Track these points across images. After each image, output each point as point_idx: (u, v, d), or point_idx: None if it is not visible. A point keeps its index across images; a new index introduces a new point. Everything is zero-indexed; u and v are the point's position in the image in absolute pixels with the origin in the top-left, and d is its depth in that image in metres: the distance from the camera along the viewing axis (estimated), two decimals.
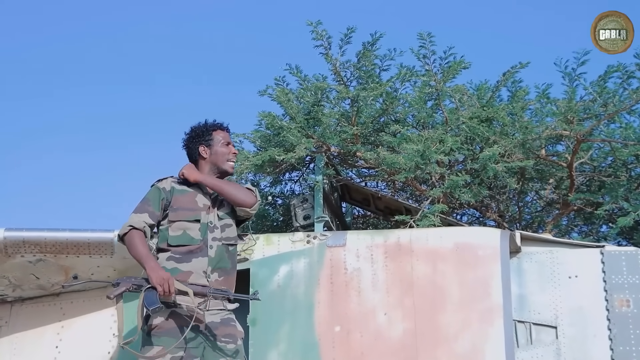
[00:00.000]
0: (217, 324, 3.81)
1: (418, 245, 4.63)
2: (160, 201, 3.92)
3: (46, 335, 4.97)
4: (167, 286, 3.62)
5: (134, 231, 3.79)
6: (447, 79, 5.57)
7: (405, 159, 5.10)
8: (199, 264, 3.82)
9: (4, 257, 4.59)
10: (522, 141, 5.45)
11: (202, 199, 3.98)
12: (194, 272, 3.80)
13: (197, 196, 3.97)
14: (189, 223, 3.88)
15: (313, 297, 4.62)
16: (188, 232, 3.86)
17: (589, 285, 4.54)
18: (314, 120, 5.56)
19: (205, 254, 3.84)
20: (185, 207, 3.92)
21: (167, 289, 3.62)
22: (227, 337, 3.81)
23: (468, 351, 4.34)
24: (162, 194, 3.94)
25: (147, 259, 3.71)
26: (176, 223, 3.88)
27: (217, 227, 3.93)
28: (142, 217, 3.85)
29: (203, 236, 3.87)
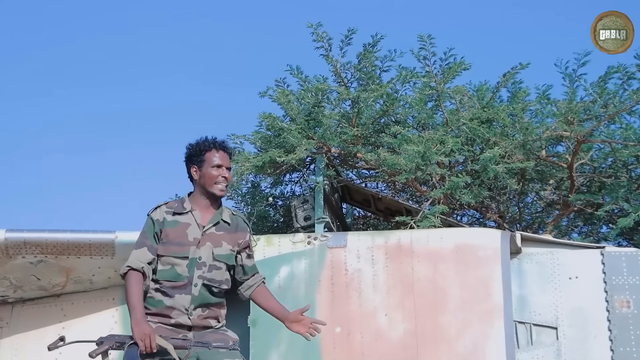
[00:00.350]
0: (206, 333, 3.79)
1: (419, 246, 4.64)
2: (155, 234, 3.81)
3: (47, 336, 4.95)
4: (149, 342, 3.50)
5: (131, 272, 3.69)
6: (447, 80, 5.57)
7: (406, 160, 5.11)
8: (182, 301, 3.73)
9: (5, 258, 4.61)
10: (523, 142, 5.45)
11: (193, 231, 3.83)
12: (176, 308, 3.72)
13: (188, 228, 3.83)
14: (177, 259, 3.77)
15: (314, 298, 4.63)
16: (175, 267, 3.75)
17: (590, 286, 4.55)
18: (315, 121, 5.57)
19: (189, 291, 3.74)
20: (174, 242, 3.79)
21: (148, 345, 3.50)
22: (219, 342, 3.75)
23: (469, 352, 4.35)
24: (155, 227, 3.82)
25: (133, 310, 3.61)
26: (165, 258, 3.77)
27: (205, 265, 3.80)
28: (141, 253, 3.76)
29: (190, 273, 3.76)
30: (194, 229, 3.82)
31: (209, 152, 3.89)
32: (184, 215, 3.84)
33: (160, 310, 3.72)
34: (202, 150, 3.90)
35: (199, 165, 3.88)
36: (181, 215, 3.84)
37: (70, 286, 4.94)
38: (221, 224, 3.89)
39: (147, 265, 3.73)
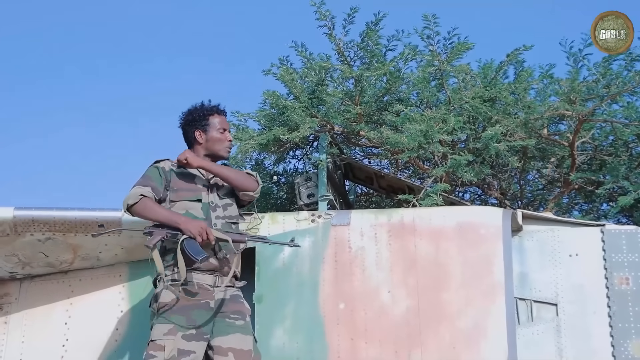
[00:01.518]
0: (227, 301, 3.90)
1: (421, 224, 4.69)
2: (162, 179, 3.97)
3: (55, 312, 5.06)
4: (206, 234, 3.72)
5: (146, 198, 3.84)
6: (451, 60, 5.60)
7: (409, 138, 5.15)
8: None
9: (14, 236, 4.68)
10: (525, 121, 5.49)
11: (200, 180, 4.06)
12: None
13: (195, 178, 4.05)
14: (191, 203, 3.95)
15: (318, 275, 4.69)
16: (191, 211, 3.92)
17: (590, 263, 4.59)
18: (318, 99, 5.60)
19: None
20: (185, 188, 3.99)
21: (205, 236, 3.72)
22: (236, 314, 3.89)
23: (470, 328, 4.41)
24: (161, 172, 3.99)
25: (175, 216, 3.80)
26: (178, 203, 3.94)
27: (219, 207, 4.02)
28: (145, 189, 3.89)
29: (206, 215, 3.94)
30: (200, 179, 4.06)
31: (212, 117, 4.15)
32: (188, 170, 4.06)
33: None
34: (205, 115, 4.15)
35: (203, 129, 4.12)
36: (186, 170, 4.05)
37: (77, 263, 5.01)
38: None
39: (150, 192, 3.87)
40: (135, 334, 4.83)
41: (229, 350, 3.78)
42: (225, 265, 3.94)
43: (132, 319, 4.91)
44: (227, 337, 3.80)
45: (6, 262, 4.91)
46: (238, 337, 3.82)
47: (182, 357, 3.69)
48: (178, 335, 3.71)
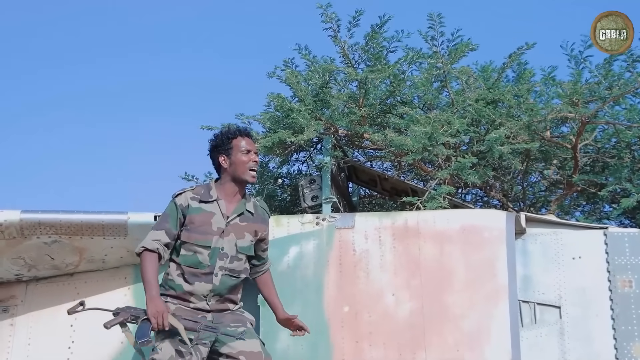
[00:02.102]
0: (225, 314, 3.94)
1: (425, 227, 4.71)
2: (177, 219, 3.92)
3: (61, 314, 5.05)
4: (161, 320, 3.66)
5: (146, 252, 3.83)
6: (454, 61, 5.62)
7: (413, 141, 5.17)
8: (202, 288, 3.88)
9: (20, 239, 4.70)
10: (528, 123, 5.51)
11: (218, 220, 3.94)
12: (195, 294, 3.88)
13: (213, 217, 3.94)
14: (200, 247, 3.89)
15: (322, 278, 4.72)
16: (197, 255, 3.89)
17: (593, 266, 4.63)
18: (322, 102, 5.62)
19: (210, 280, 3.89)
20: (198, 230, 3.91)
21: (161, 322, 3.66)
22: (236, 322, 3.92)
23: (474, 331, 4.44)
24: (178, 212, 3.93)
25: (148, 287, 3.76)
26: (187, 244, 3.91)
27: (227, 256, 3.93)
28: (158, 234, 3.87)
29: (211, 262, 3.89)
30: (219, 218, 3.93)
31: (235, 140, 4.02)
32: (209, 204, 3.96)
33: (180, 294, 3.88)
34: (228, 139, 4.02)
35: (227, 154, 4.00)
36: (207, 204, 3.95)
37: (83, 265, 5.04)
38: (245, 214, 4.02)
39: (162, 247, 3.85)
40: None
41: (240, 354, 3.81)
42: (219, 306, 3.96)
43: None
44: (235, 342, 3.81)
45: (12, 265, 4.94)
46: (245, 342, 3.83)
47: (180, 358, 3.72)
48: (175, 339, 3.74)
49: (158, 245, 3.85)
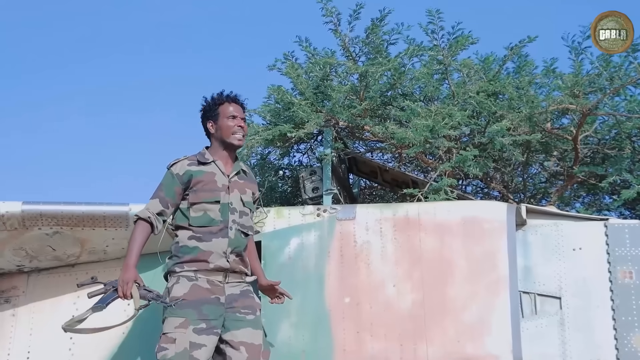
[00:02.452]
0: (237, 296, 3.93)
1: (426, 218, 4.72)
2: (174, 187, 3.96)
3: (63, 304, 5.09)
4: (126, 289, 3.74)
5: (139, 222, 3.90)
6: (454, 54, 5.63)
7: (415, 133, 5.17)
8: (219, 245, 3.90)
9: (22, 230, 4.69)
10: (529, 115, 5.51)
11: (220, 178, 4.01)
12: (214, 252, 3.90)
13: (215, 176, 4.00)
14: (209, 204, 3.93)
15: (323, 269, 4.73)
16: (209, 213, 3.92)
17: (593, 257, 4.63)
18: (323, 94, 5.63)
19: (226, 234, 3.92)
20: (204, 189, 3.95)
21: (124, 291, 3.75)
22: (247, 309, 3.92)
23: (475, 322, 4.45)
24: (175, 180, 3.97)
25: (128, 255, 3.84)
26: (197, 205, 3.93)
27: (236, 211, 3.99)
28: (152, 203, 3.94)
29: (224, 217, 3.93)
30: (220, 177, 4.01)
31: (222, 106, 4.08)
32: (207, 165, 4.02)
33: (197, 256, 3.88)
34: (215, 104, 4.09)
35: (214, 119, 4.07)
36: (205, 165, 4.02)
37: (84, 256, 5.05)
38: (241, 173, 4.12)
39: (154, 216, 3.91)
40: (142, 326, 4.87)
41: (240, 345, 3.82)
42: (237, 266, 3.97)
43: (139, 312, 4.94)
44: (239, 331, 3.84)
45: (14, 256, 4.94)
46: (249, 332, 3.85)
47: (193, 350, 3.73)
48: (189, 328, 3.74)
49: (150, 214, 3.90)
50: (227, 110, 4.06)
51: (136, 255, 3.84)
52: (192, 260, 3.89)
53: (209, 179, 3.98)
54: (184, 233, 3.95)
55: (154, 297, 3.77)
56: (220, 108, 4.07)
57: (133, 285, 3.75)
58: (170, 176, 4.00)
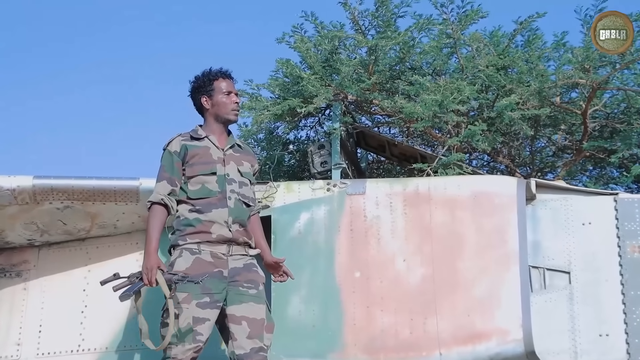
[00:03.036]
0: (240, 270, 3.95)
1: (436, 193, 4.72)
2: (175, 164, 3.99)
3: (74, 278, 5.13)
4: (150, 276, 3.75)
5: (153, 207, 3.93)
6: (464, 27, 5.59)
7: (423, 108, 5.16)
8: (220, 214, 3.92)
9: (33, 204, 4.73)
10: (539, 89, 5.49)
11: (215, 152, 4.05)
12: (215, 222, 3.92)
13: (210, 149, 4.04)
14: (206, 176, 3.97)
15: (333, 244, 4.74)
16: (206, 185, 3.96)
17: (602, 231, 4.62)
18: (332, 68, 5.60)
19: (225, 204, 3.95)
20: (200, 162, 3.99)
21: (149, 278, 3.76)
22: (249, 283, 3.94)
23: (485, 296, 4.47)
24: (174, 157, 4.01)
25: (148, 242, 3.85)
26: (194, 178, 3.97)
27: (234, 181, 4.02)
28: (160, 186, 3.96)
29: (221, 188, 3.96)
30: (215, 150, 4.05)
31: (216, 81, 4.13)
32: (201, 140, 4.07)
33: (199, 227, 3.90)
34: (210, 80, 4.13)
35: (208, 95, 4.12)
36: (199, 141, 4.06)
37: (95, 231, 5.08)
38: (236, 147, 4.16)
39: (167, 197, 3.94)
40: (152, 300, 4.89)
41: (242, 319, 3.84)
42: (240, 237, 3.99)
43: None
44: (241, 305, 3.86)
45: (25, 230, 4.98)
46: (251, 306, 3.88)
47: (197, 325, 3.76)
48: (192, 303, 3.77)
49: (162, 197, 3.92)
50: (222, 86, 4.11)
51: (156, 241, 3.85)
52: (195, 232, 3.91)
53: (204, 153, 4.02)
54: (183, 207, 3.98)
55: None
56: (215, 83, 4.12)
57: (157, 271, 3.76)
58: (168, 155, 4.03)
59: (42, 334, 5.06)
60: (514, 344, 4.36)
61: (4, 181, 4.60)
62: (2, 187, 4.59)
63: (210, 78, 4.12)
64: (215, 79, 4.12)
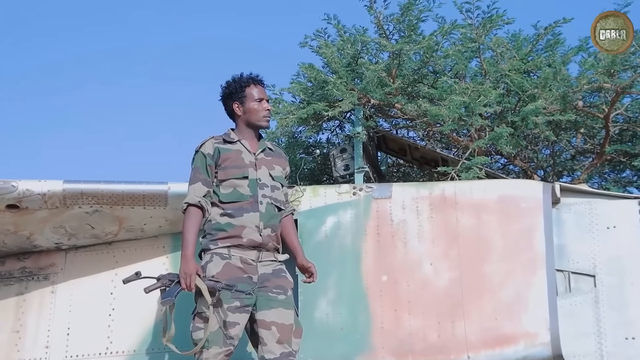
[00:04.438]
0: (269, 275, 3.97)
1: (462, 197, 4.74)
2: (208, 167, 4.02)
3: (101, 281, 5.16)
4: (189, 281, 3.78)
5: (189, 208, 3.95)
6: (487, 32, 5.62)
7: (449, 111, 5.19)
8: (251, 219, 3.95)
9: (63, 208, 4.77)
10: (563, 94, 5.51)
11: (247, 156, 4.08)
12: (246, 226, 3.94)
13: (242, 153, 4.07)
14: (238, 180, 3.99)
15: (360, 248, 4.76)
16: (238, 189, 3.98)
17: (627, 235, 4.63)
18: (355, 73, 5.63)
19: (256, 209, 3.97)
20: (232, 165, 4.02)
21: (188, 283, 3.78)
22: (278, 289, 3.97)
23: (512, 300, 4.48)
24: (207, 159, 4.04)
25: (184, 246, 3.87)
26: (226, 181, 4.00)
27: (266, 185, 4.05)
28: (196, 187, 3.99)
29: (253, 192, 3.99)
30: (247, 154, 4.08)
31: (248, 88, 4.15)
32: (233, 144, 4.10)
33: (230, 232, 3.93)
34: (242, 87, 4.15)
35: (240, 102, 4.14)
36: (231, 144, 4.09)
37: (122, 234, 5.11)
38: (267, 151, 4.19)
39: (203, 199, 3.97)
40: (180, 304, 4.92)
41: (272, 324, 3.87)
42: (270, 241, 4.02)
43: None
44: (270, 311, 3.89)
45: (53, 234, 5.02)
46: (280, 312, 3.90)
47: (227, 329, 3.80)
48: (223, 307, 3.81)
49: (199, 199, 3.96)
50: (253, 93, 4.14)
51: (193, 245, 3.87)
52: (226, 237, 3.94)
53: (236, 156, 4.05)
54: (215, 210, 4.00)
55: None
56: (246, 90, 4.14)
57: (196, 277, 3.79)
58: (202, 156, 4.06)
59: (70, 336, 5.10)
60: (541, 347, 4.37)
61: (34, 186, 4.65)
62: (32, 192, 4.63)
63: (242, 84, 4.14)
64: (247, 86, 4.14)
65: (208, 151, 4.06)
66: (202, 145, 4.11)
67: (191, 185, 4.01)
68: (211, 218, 4.00)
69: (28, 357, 5.10)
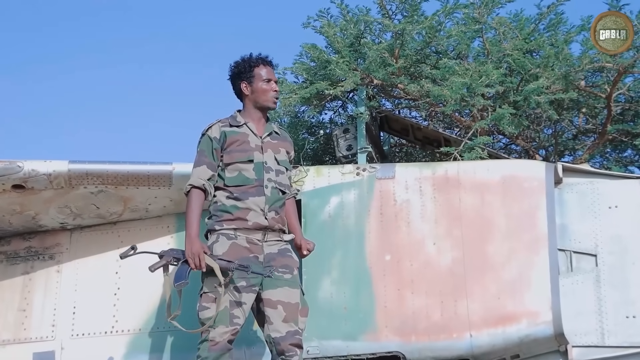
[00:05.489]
0: (275, 255, 4.01)
1: (465, 177, 4.77)
2: (214, 150, 4.04)
3: (106, 261, 5.21)
4: (198, 260, 3.80)
5: (192, 190, 3.97)
6: (490, 11, 5.61)
7: (451, 92, 5.19)
8: (257, 202, 3.97)
9: (68, 189, 4.82)
10: (565, 73, 5.52)
11: (253, 139, 4.09)
12: (252, 209, 3.97)
13: (248, 137, 4.08)
14: (243, 164, 4.01)
15: (364, 227, 4.80)
16: (243, 172, 4.00)
17: (629, 215, 4.66)
18: (358, 53, 5.63)
19: (262, 192, 3.99)
20: (238, 149, 4.03)
21: (197, 263, 3.80)
22: (284, 268, 4.00)
23: (514, 279, 4.52)
24: (213, 143, 4.05)
25: (188, 227, 3.89)
26: (231, 165, 4.02)
27: (272, 170, 4.06)
28: (201, 170, 4.00)
29: (258, 176, 4.01)
30: (253, 137, 4.09)
31: (257, 68, 4.14)
32: (240, 127, 4.11)
33: (236, 214, 3.96)
34: (251, 67, 4.15)
35: (249, 81, 4.14)
36: (238, 127, 4.10)
37: (126, 214, 5.16)
38: (273, 134, 4.19)
39: (207, 182, 4.00)
40: None
41: (278, 303, 3.91)
42: (276, 224, 4.05)
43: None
44: (276, 290, 3.93)
45: (59, 214, 5.07)
46: (286, 291, 3.94)
47: (234, 309, 3.84)
48: (230, 287, 3.84)
49: (203, 182, 3.98)
50: (262, 73, 4.13)
51: (197, 225, 3.90)
52: (231, 219, 3.97)
53: (242, 140, 4.06)
54: (221, 193, 4.03)
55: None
56: (255, 70, 4.13)
57: (204, 256, 3.82)
58: (208, 140, 4.07)
59: (76, 315, 5.16)
60: (543, 326, 4.42)
61: (40, 166, 4.68)
62: (38, 172, 4.67)
63: (251, 64, 4.14)
64: (256, 66, 4.14)
65: (214, 135, 4.07)
66: (208, 128, 4.11)
67: (195, 168, 4.03)
68: (217, 200, 4.03)
69: (34, 335, 5.16)
